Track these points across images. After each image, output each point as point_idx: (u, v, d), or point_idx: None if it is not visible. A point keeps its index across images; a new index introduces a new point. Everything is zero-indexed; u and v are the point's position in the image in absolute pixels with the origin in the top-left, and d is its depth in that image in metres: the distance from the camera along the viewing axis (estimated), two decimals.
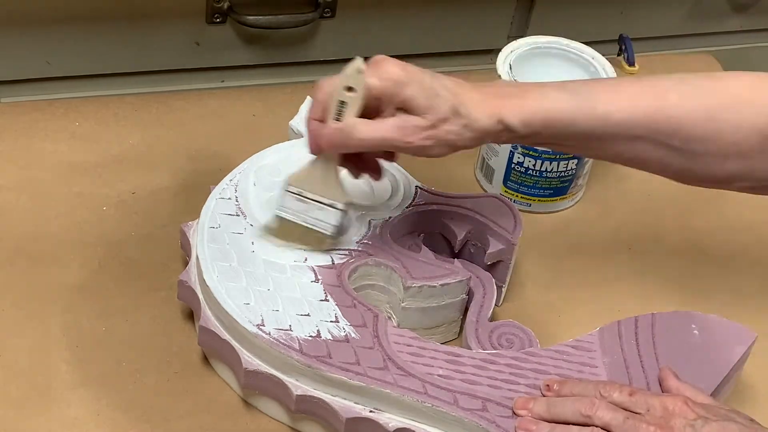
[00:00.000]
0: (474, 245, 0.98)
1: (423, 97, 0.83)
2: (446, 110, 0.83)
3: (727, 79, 0.88)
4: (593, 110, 0.84)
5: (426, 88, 0.83)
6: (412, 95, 0.83)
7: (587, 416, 0.81)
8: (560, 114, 0.84)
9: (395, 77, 0.83)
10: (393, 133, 0.83)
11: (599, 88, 0.86)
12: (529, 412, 0.84)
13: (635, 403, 0.82)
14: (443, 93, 0.83)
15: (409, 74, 0.83)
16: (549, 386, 0.85)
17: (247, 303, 0.88)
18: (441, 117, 0.83)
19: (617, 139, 0.85)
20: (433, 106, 0.83)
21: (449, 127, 0.84)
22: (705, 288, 1.06)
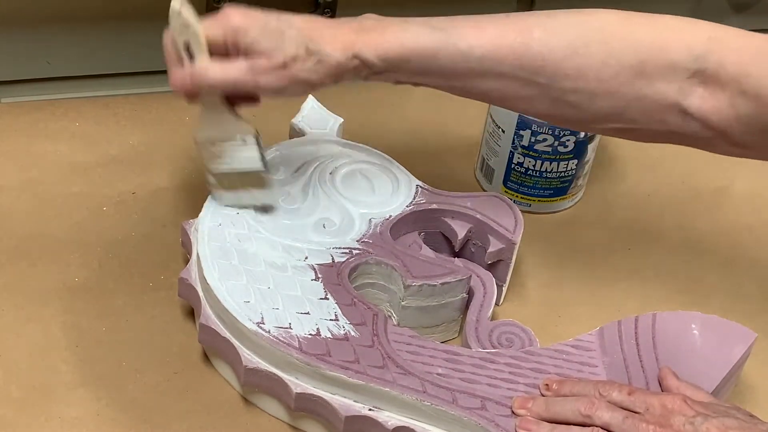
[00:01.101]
0: (474, 244, 0.98)
1: (266, 40, 0.83)
2: (294, 48, 0.83)
3: (597, 13, 0.85)
4: (455, 45, 0.83)
5: (270, 30, 0.83)
6: (254, 39, 0.83)
7: (587, 416, 0.81)
8: (420, 48, 0.84)
9: (235, 24, 0.83)
10: (244, 75, 0.83)
11: (463, 24, 0.85)
12: (528, 412, 0.83)
13: (634, 402, 0.82)
14: (290, 32, 0.83)
15: (250, 19, 0.83)
16: (548, 385, 0.85)
17: (248, 301, 0.88)
18: (290, 55, 0.83)
19: (482, 75, 0.84)
20: (278, 47, 0.83)
21: (301, 65, 0.83)
22: (705, 288, 1.06)
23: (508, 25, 0.84)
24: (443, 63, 0.84)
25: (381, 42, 0.84)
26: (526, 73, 0.83)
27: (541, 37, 0.83)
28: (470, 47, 0.83)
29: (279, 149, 1.01)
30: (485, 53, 0.83)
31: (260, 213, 0.95)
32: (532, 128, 1.05)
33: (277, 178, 0.97)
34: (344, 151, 1.01)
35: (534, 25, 0.84)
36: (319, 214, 0.96)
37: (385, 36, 0.84)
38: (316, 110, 1.06)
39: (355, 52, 0.84)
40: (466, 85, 0.86)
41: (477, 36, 0.83)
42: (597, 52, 0.82)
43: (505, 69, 0.83)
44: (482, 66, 0.84)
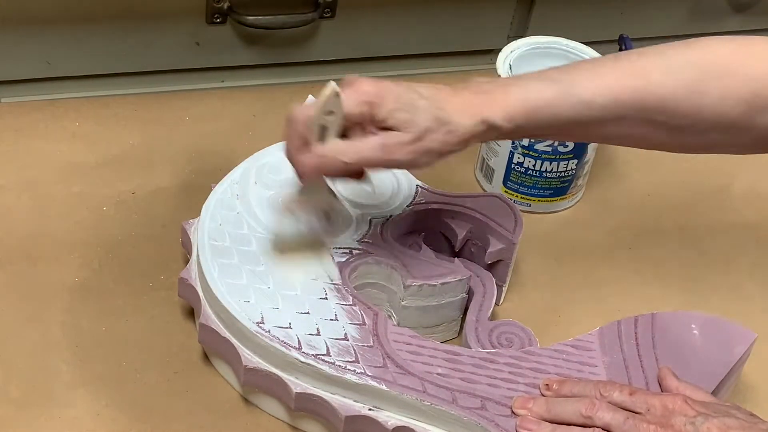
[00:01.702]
0: (474, 244, 0.98)
1: (401, 111, 0.81)
2: (427, 121, 0.82)
3: (707, 47, 0.86)
4: (577, 97, 0.84)
5: (403, 102, 0.81)
6: (390, 112, 0.81)
7: (588, 417, 0.81)
8: (544, 105, 0.83)
9: (371, 96, 0.81)
10: (377, 153, 0.82)
11: (579, 73, 0.85)
12: (529, 412, 0.83)
13: (635, 402, 0.82)
14: (421, 103, 0.82)
15: (384, 91, 0.81)
16: (548, 386, 0.85)
17: (247, 301, 0.88)
18: (423, 128, 0.81)
19: (602, 122, 0.85)
20: (413, 120, 0.81)
21: (433, 137, 0.82)
22: (705, 288, 1.05)
23: (624, 70, 0.85)
24: (567, 115, 0.84)
25: (506, 104, 0.83)
26: (646, 114, 0.84)
27: (659, 80, 0.84)
28: (593, 96, 0.84)
29: (279, 150, 1.00)
30: (607, 101, 0.84)
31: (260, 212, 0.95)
32: None
33: (275, 178, 0.97)
34: None
35: (650, 67, 0.85)
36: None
37: (508, 97, 0.83)
38: None
39: (483, 117, 0.83)
40: (586, 131, 0.87)
41: (596, 84, 0.84)
42: (713, 89, 0.84)
43: (625, 113, 0.84)
44: (604, 113, 0.84)
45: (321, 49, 1.26)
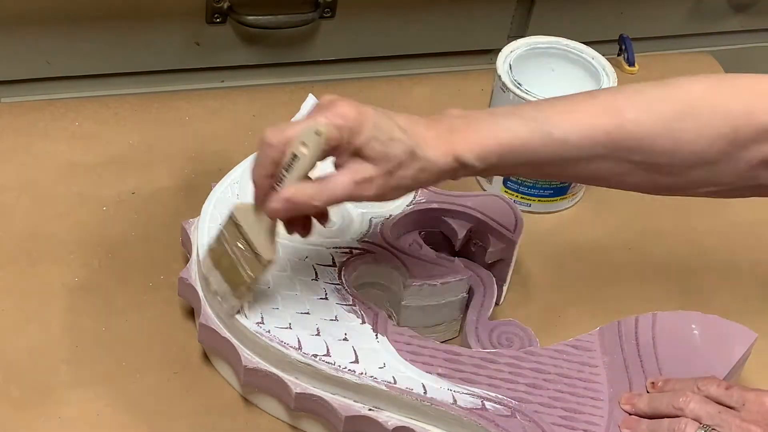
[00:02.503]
0: (475, 244, 0.98)
1: (378, 142, 0.78)
2: (401, 154, 0.79)
3: (682, 85, 0.84)
4: (549, 135, 0.82)
5: (381, 132, 0.79)
6: (367, 141, 0.78)
7: (679, 408, 0.82)
8: (516, 144, 0.81)
9: (349, 122, 0.78)
10: (348, 191, 0.79)
11: (553, 111, 0.83)
12: (633, 408, 0.85)
13: (731, 396, 0.82)
14: (398, 135, 0.79)
15: (363, 117, 0.78)
16: (654, 383, 0.87)
17: (247, 301, 0.88)
18: (396, 163, 0.79)
19: (577, 161, 0.83)
20: (388, 153, 0.79)
21: (404, 172, 0.80)
22: (705, 288, 1.06)
23: (597, 107, 0.83)
24: (540, 154, 0.82)
25: (478, 142, 0.81)
26: (621, 152, 0.83)
27: (634, 118, 0.82)
28: (565, 135, 0.82)
29: None
30: (581, 139, 0.82)
31: None
32: None
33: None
34: None
35: (624, 105, 0.83)
36: None
37: (480, 135, 0.81)
38: None
39: (455, 155, 0.81)
40: (560, 170, 0.85)
41: (569, 122, 0.82)
42: (690, 126, 0.82)
43: (600, 151, 0.82)
44: (579, 152, 0.82)
45: (321, 49, 1.26)
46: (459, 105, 1.21)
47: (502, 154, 0.81)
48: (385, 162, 0.79)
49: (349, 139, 0.78)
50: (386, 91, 1.23)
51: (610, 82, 1.07)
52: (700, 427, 0.80)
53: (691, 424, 0.81)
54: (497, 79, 1.07)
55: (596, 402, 0.86)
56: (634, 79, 1.27)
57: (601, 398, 0.86)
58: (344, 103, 0.79)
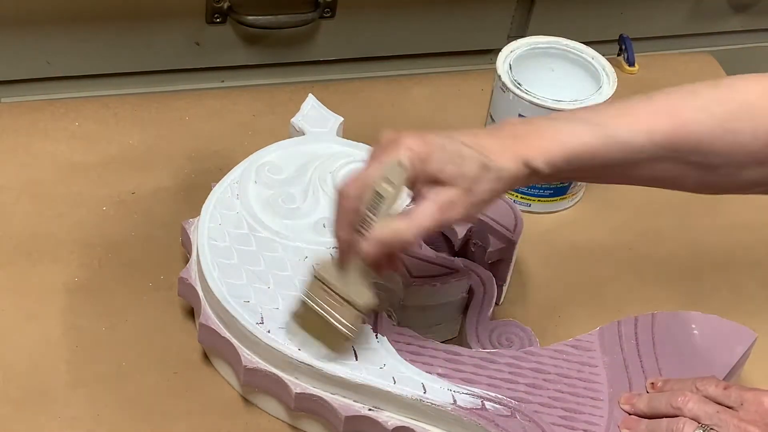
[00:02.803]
0: (475, 244, 0.98)
1: (451, 164, 0.78)
2: (475, 170, 0.79)
3: (736, 86, 0.86)
4: (612, 138, 0.82)
5: (450, 154, 0.79)
6: (440, 165, 0.78)
7: (677, 408, 0.82)
8: (581, 148, 0.82)
9: (418, 152, 0.78)
10: (435, 218, 0.79)
11: (611, 114, 0.84)
12: (632, 407, 0.85)
13: (728, 396, 0.82)
14: (466, 152, 0.79)
15: (430, 144, 0.79)
16: (653, 384, 0.87)
17: (248, 301, 0.88)
18: (472, 179, 0.79)
19: (638, 163, 0.84)
20: (462, 172, 0.79)
21: (482, 186, 0.79)
22: (705, 288, 1.05)
23: (657, 109, 0.84)
24: (605, 156, 0.82)
25: (545, 147, 0.81)
26: (680, 153, 0.83)
27: (693, 118, 0.83)
28: (628, 137, 0.82)
29: (279, 149, 1.00)
30: (643, 141, 0.82)
31: (260, 212, 0.94)
32: None
33: (275, 178, 0.97)
34: (344, 151, 1.01)
35: (681, 106, 0.84)
36: (319, 213, 0.95)
37: (545, 140, 0.81)
38: (316, 109, 1.06)
39: (525, 160, 0.81)
40: (621, 173, 0.85)
41: (630, 125, 0.83)
42: (745, 127, 0.83)
43: (660, 153, 0.83)
44: (639, 154, 0.83)
45: (321, 49, 1.26)
46: (459, 105, 1.22)
47: (568, 159, 0.82)
48: (462, 181, 0.79)
49: (422, 168, 0.78)
50: (386, 91, 1.22)
51: (610, 82, 1.07)
52: (698, 427, 0.80)
53: (690, 423, 0.81)
54: (497, 79, 1.07)
55: (596, 402, 0.86)
56: (634, 79, 1.27)
57: (600, 398, 0.86)
58: (407, 136, 0.79)
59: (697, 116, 0.83)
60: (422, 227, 0.79)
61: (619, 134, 0.82)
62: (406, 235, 0.79)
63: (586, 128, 0.82)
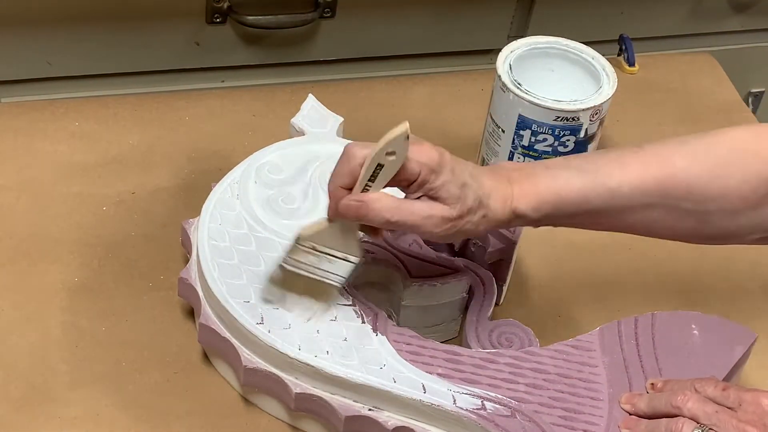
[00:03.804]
0: (475, 244, 0.98)
1: (454, 186, 0.81)
2: (472, 201, 0.82)
3: (726, 133, 0.88)
4: (603, 186, 0.84)
5: (456, 177, 0.81)
6: (445, 183, 0.81)
7: (676, 407, 0.82)
8: (572, 195, 0.84)
9: (433, 163, 0.80)
10: (419, 221, 0.81)
11: (604, 162, 0.86)
12: (633, 407, 0.85)
13: (727, 397, 0.82)
14: (470, 182, 0.82)
15: (444, 160, 0.81)
16: (653, 385, 0.87)
17: (247, 301, 0.88)
18: (467, 208, 0.82)
19: (630, 210, 0.86)
20: (462, 197, 0.81)
21: (471, 218, 0.82)
22: (705, 288, 1.05)
23: (648, 157, 0.86)
24: (594, 204, 0.85)
25: (535, 195, 0.84)
26: (672, 200, 0.85)
27: (683, 166, 0.85)
28: (619, 185, 0.84)
29: (279, 149, 1.00)
30: (633, 188, 0.84)
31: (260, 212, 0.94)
32: (532, 128, 1.05)
33: (275, 178, 0.97)
34: None
35: (672, 154, 0.86)
36: (319, 213, 0.95)
37: (538, 187, 0.84)
38: (316, 110, 1.06)
39: (512, 207, 0.84)
40: (612, 220, 0.87)
41: (621, 172, 0.85)
42: (737, 172, 0.85)
43: (652, 200, 0.85)
44: (631, 201, 0.85)
45: (321, 49, 1.26)
46: (459, 105, 1.21)
47: (557, 205, 0.85)
48: (458, 206, 0.81)
49: (426, 178, 0.80)
50: (386, 91, 1.22)
51: (610, 82, 1.07)
52: (697, 427, 0.80)
53: (688, 423, 0.81)
54: (497, 79, 1.07)
55: (596, 402, 0.86)
56: (634, 79, 1.27)
57: (600, 398, 0.86)
58: (429, 145, 0.81)
59: (687, 163, 0.85)
60: (405, 220, 0.81)
61: (610, 182, 0.85)
62: (388, 216, 0.81)
63: (578, 174, 0.85)
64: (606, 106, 1.06)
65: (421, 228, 0.82)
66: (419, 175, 0.81)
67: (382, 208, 0.81)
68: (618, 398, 0.86)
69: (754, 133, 0.87)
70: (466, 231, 0.83)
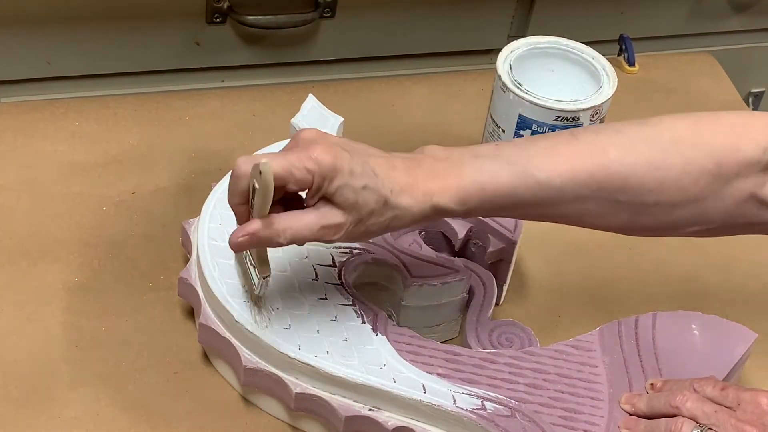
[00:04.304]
0: (475, 244, 0.98)
1: (350, 190, 0.77)
2: (373, 204, 0.78)
3: (664, 122, 0.84)
4: (533, 178, 0.81)
5: (356, 180, 0.77)
6: (339, 189, 0.77)
7: (675, 407, 0.82)
8: (500, 187, 0.81)
9: (322, 168, 0.77)
10: (314, 234, 0.78)
11: (535, 152, 0.82)
12: (633, 407, 0.85)
13: (726, 397, 0.82)
14: (372, 183, 0.78)
15: (339, 163, 0.77)
16: (653, 385, 0.87)
17: (247, 301, 0.88)
18: (367, 212, 0.78)
19: (561, 202, 0.83)
20: (359, 202, 0.78)
21: (375, 220, 0.79)
22: (705, 288, 1.05)
23: (580, 147, 0.83)
24: (523, 197, 0.82)
25: (459, 187, 0.80)
26: (606, 193, 0.82)
27: (617, 157, 0.82)
28: (549, 177, 0.81)
29: (278, 149, 1.00)
30: (564, 181, 0.81)
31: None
32: (533, 128, 1.05)
33: None
34: None
35: (606, 144, 0.82)
36: None
37: (462, 179, 0.81)
38: (316, 110, 1.05)
39: (433, 203, 0.80)
40: (544, 212, 0.84)
41: (552, 163, 0.82)
42: (675, 163, 0.82)
43: (584, 192, 0.82)
44: (562, 193, 0.82)
45: (321, 49, 1.26)
46: (459, 105, 1.21)
47: (482, 199, 0.81)
48: (355, 211, 0.78)
49: (320, 184, 0.77)
50: (386, 91, 1.23)
51: (610, 82, 1.07)
52: (696, 427, 0.80)
53: (687, 423, 0.81)
54: (497, 79, 1.07)
55: (596, 402, 0.86)
56: (634, 79, 1.27)
57: (601, 398, 0.86)
58: (321, 148, 0.78)
59: (622, 155, 0.82)
60: (296, 235, 0.78)
61: (540, 174, 0.81)
62: (280, 239, 0.78)
63: (505, 167, 0.81)
64: (606, 106, 1.06)
65: (319, 239, 0.79)
66: (312, 182, 0.77)
67: (271, 234, 0.78)
68: (618, 398, 0.86)
69: (693, 123, 0.84)
70: (374, 231, 0.80)
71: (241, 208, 0.80)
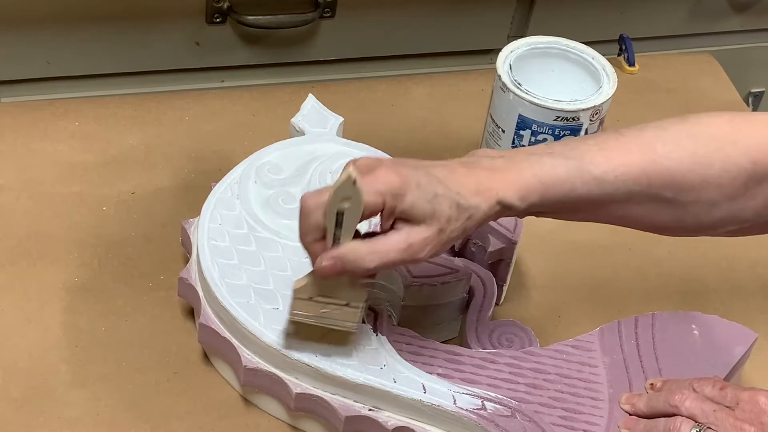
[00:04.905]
0: (475, 244, 0.98)
1: (424, 202, 0.77)
2: (448, 210, 0.78)
3: (703, 119, 0.85)
4: (590, 173, 0.82)
5: (423, 191, 0.77)
6: (412, 204, 0.77)
7: (674, 406, 0.82)
8: (557, 182, 0.81)
9: (392, 187, 0.76)
10: (402, 254, 0.77)
11: (587, 149, 0.83)
12: (632, 407, 0.85)
13: (725, 396, 0.82)
14: (440, 190, 0.78)
15: (405, 180, 0.77)
16: (653, 385, 0.87)
17: (248, 301, 0.88)
18: (445, 219, 0.78)
19: (612, 200, 0.83)
20: (436, 211, 0.77)
21: (454, 226, 0.79)
22: (705, 288, 1.05)
23: (629, 143, 0.83)
24: (579, 192, 0.82)
25: (520, 183, 0.80)
26: (654, 189, 0.83)
27: (665, 152, 0.82)
28: (604, 172, 0.82)
29: (279, 149, 1.00)
30: (618, 176, 0.82)
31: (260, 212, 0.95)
32: (532, 128, 1.05)
33: (275, 178, 0.97)
34: (344, 151, 1.01)
35: (653, 140, 0.83)
36: None
37: (522, 175, 0.81)
38: (316, 109, 1.06)
39: (498, 199, 0.80)
40: (595, 210, 0.84)
41: (606, 158, 0.82)
42: (716, 160, 0.83)
43: (635, 188, 0.82)
44: (615, 189, 0.82)
45: (321, 49, 1.26)
46: (459, 105, 1.21)
47: (542, 193, 0.81)
48: (435, 221, 0.78)
49: (393, 204, 0.77)
50: (386, 91, 1.23)
51: (610, 82, 1.07)
52: (695, 426, 0.81)
53: (686, 422, 0.81)
54: (497, 79, 1.07)
55: (596, 402, 0.86)
56: (634, 79, 1.27)
57: (601, 398, 0.86)
58: (384, 169, 0.77)
59: (669, 150, 0.83)
60: (386, 260, 0.78)
61: (595, 169, 0.82)
62: (367, 264, 0.78)
63: (562, 162, 0.82)
64: (606, 106, 1.06)
65: (406, 260, 0.78)
66: (384, 204, 0.77)
67: (357, 258, 0.77)
68: (618, 398, 0.86)
69: (730, 120, 0.85)
70: (455, 238, 0.80)
71: (317, 246, 0.79)
